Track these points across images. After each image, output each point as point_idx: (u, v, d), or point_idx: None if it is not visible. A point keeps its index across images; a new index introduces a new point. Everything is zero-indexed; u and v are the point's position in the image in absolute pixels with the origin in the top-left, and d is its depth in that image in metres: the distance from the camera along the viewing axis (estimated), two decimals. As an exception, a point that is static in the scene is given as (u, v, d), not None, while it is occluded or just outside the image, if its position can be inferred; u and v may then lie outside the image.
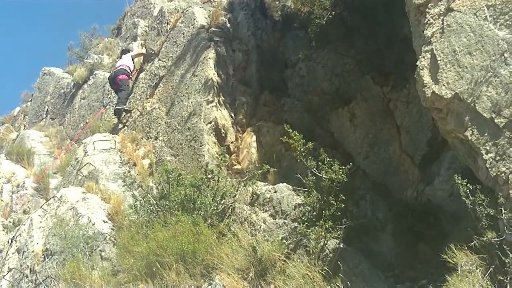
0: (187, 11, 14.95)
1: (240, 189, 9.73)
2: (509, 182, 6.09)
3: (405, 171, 10.08)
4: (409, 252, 8.80)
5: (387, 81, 11.04)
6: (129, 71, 15.93)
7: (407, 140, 10.25)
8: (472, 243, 6.61)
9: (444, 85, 6.95)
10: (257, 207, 9.40)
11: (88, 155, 13.37)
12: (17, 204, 15.00)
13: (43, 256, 10.43)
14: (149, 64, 15.57)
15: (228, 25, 14.40)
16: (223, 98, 12.39)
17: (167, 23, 15.59)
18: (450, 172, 8.75)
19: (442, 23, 7.18)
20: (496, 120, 6.29)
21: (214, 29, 13.93)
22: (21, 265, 10.93)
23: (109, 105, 16.94)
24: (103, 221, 10.57)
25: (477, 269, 6.54)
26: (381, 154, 10.60)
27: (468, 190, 6.70)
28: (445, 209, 8.71)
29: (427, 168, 9.61)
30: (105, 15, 78.48)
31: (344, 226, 8.02)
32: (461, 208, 7.14)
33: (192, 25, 14.20)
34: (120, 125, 15.30)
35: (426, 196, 9.27)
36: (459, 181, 6.80)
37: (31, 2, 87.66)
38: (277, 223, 8.89)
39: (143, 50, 16.66)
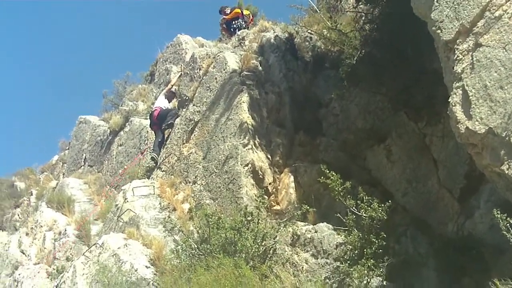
0: (218, 56, 15.22)
1: (280, 230, 9.81)
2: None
3: (444, 205, 10.02)
4: (453, 287, 8.75)
5: (421, 116, 11.04)
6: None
7: (444, 174, 10.20)
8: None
9: (477, 121, 6.93)
10: (298, 247, 9.47)
11: (128, 201, 13.57)
12: (59, 251, 15.27)
13: (88, 303, 10.59)
14: (184, 109, 15.85)
15: (260, 68, 14.61)
16: (258, 140, 12.55)
17: (199, 69, 15.89)
18: (489, 205, 8.69)
19: (472, 59, 7.17)
20: (532, 153, 6.30)
21: (246, 72, 14.13)
22: (66, 313, 11.10)
23: (147, 151, 17.20)
24: (146, 266, 10.71)
25: (527, 304, 6.49)
26: (420, 190, 10.57)
27: (508, 224, 6.68)
28: (487, 242, 8.60)
29: (466, 202, 9.56)
30: (137, 62, 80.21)
31: (386, 263, 8.05)
32: (504, 241, 7.07)
33: (224, 70, 14.45)
34: (158, 170, 15.53)
35: (467, 230, 9.19)
36: (499, 216, 6.78)
37: (61, 52, 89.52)
38: (319, 263, 8.94)
39: (174, 81, 17.29)
